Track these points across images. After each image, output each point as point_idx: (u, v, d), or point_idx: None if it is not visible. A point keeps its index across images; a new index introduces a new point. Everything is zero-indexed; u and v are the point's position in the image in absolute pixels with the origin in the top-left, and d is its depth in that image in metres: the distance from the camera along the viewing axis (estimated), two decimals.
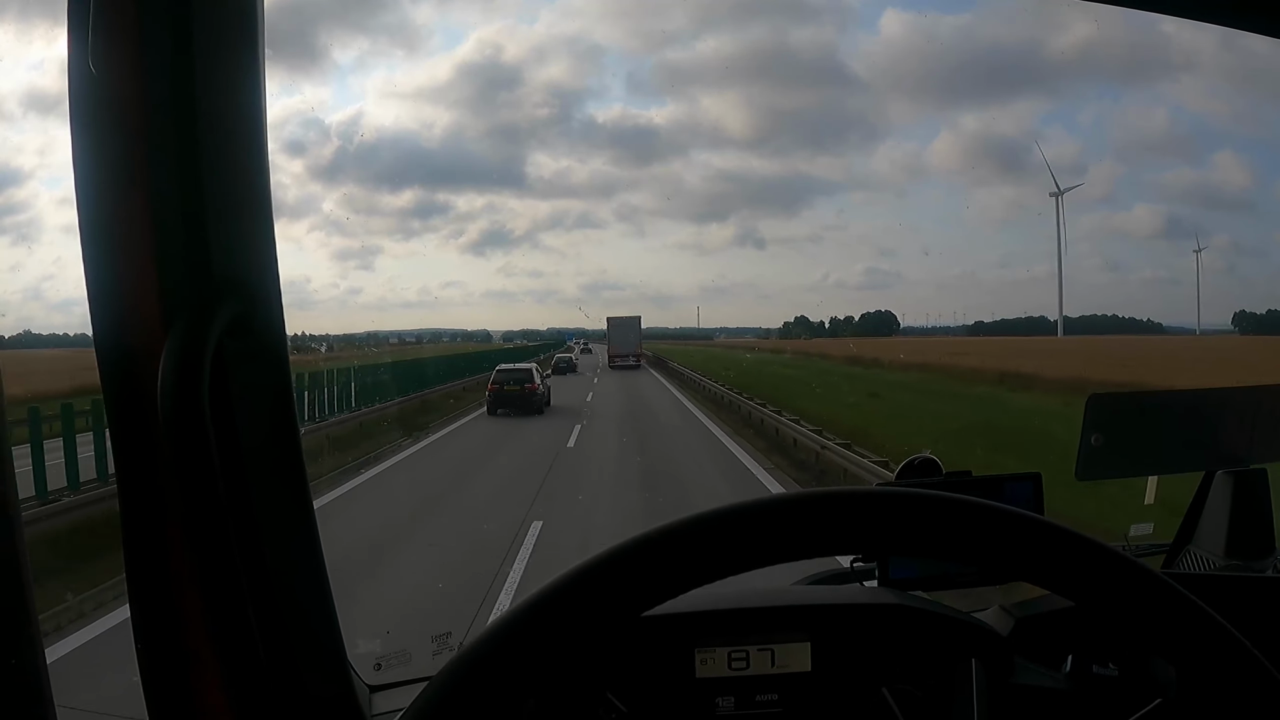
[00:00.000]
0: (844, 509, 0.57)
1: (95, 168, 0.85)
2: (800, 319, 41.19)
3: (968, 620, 1.13)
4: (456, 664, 0.52)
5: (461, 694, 0.52)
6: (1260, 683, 0.56)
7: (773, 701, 1.08)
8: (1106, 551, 0.58)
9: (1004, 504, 0.58)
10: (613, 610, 0.54)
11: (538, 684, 0.53)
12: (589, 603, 0.54)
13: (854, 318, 41.05)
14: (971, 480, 1.30)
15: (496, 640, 0.53)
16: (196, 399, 0.78)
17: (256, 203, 0.91)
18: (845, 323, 40.41)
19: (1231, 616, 0.57)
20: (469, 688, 0.52)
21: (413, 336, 35.05)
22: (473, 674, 0.52)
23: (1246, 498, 1.58)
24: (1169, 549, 1.67)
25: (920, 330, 36.82)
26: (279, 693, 0.92)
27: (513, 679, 0.52)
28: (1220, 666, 0.56)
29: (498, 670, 0.52)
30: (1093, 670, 1.13)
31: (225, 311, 0.85)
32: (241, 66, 0.88)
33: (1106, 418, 1.52)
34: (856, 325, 39.35)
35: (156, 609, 0.88)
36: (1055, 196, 29.15)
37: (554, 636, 0.53)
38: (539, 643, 0.52)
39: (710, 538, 0.56)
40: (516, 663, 0.52)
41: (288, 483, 0.95)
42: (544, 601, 0.53)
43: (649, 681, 1.07)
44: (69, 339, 2.93)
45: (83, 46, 0.82)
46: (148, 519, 0.87)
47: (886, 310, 42.55)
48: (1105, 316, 34.53)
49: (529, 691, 0.53)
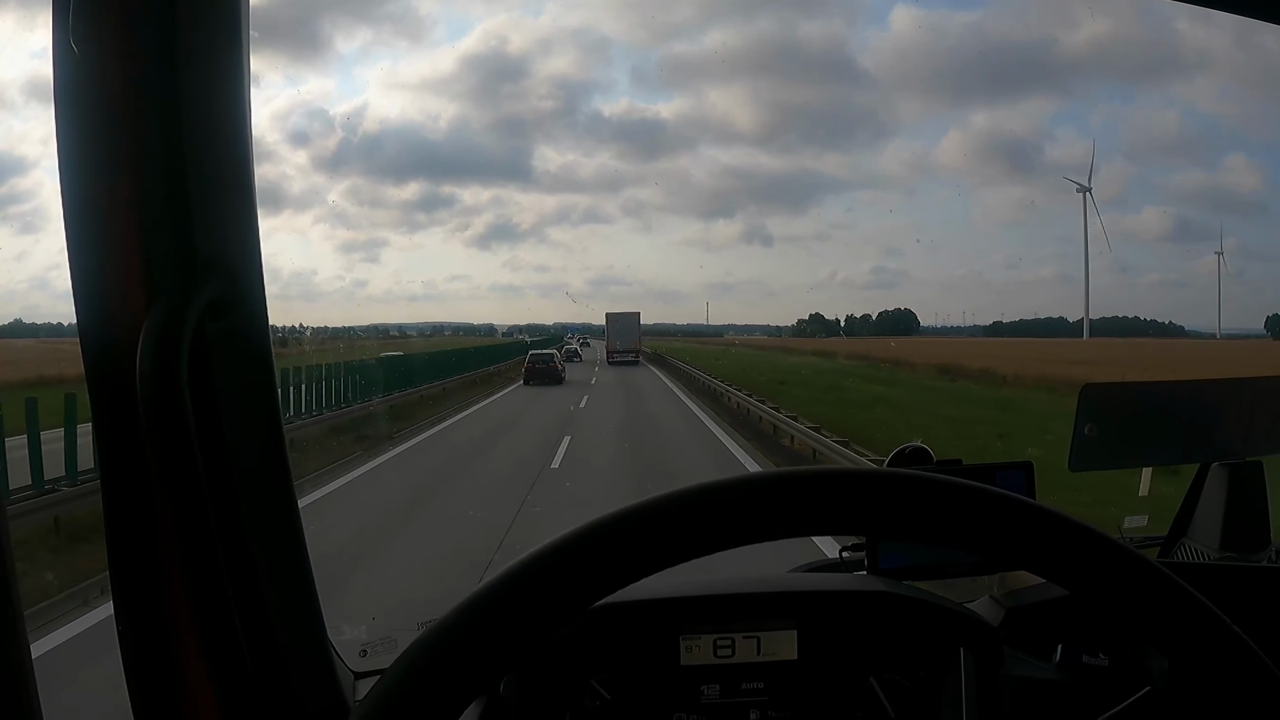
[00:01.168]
0: (833, 488, 0.56)
1: (77, 149, 0.84)
2: (815, 316, 40.23)
3: (958, 610, 1.12)
4: (419, 644, 0.51)
5: (425, 674, 0.51)
6: (1255, 674, 0.55)
7: (758, 690, 1.07)
8: (1103, 539, 0.57)
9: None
10: (587, 586, 0.53)
11: (507, 664, 0.52)
12: (564, 579, 0.52)
13: (871, 316, 39.92)
14: (963, 468, 1.29)
15: (465, 618, 0.52)
16: (175, 379, 0.78)
17: (239, 184, 0.90)
18: (862, 321, 39.22)
19: (1226, 608, 0.56)
20: (432, 668, 0.51)
21: (413, 330, 35.05)
22: (437, 654, 0.51)
23: (1242, 490, 1.58)
24: (1164, 541, 1.66)
25: (935, 330, 36.09)
26: (263, 681, 0.91)
27: (480, 658, 0.51)
28: (1215, 657, 0.56)
29: (465, 649, 0.51)
30: (1083, 660, 1.12)
31: (205, 292, 0.84)
32: (226, 47, 0.87)
33: (1100, 408, 1.51)
34: (874, 324, 38.33)
35: (139, 591, 0.87)
36: (1083, 192, 28.10)
37: (523, 615, 0.52)
38: (507, 622, 0.51)
39: (692, 513, 0.54)
40: (484, 642, 0.51)
41: (269, 465, 0.94)
42: (512, 580, 0.52)
43: (633, 669, 1.06)
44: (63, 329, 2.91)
45: (65, 26, 0.81)
46: (130, 504, 0.86)
47: (906, 308, 41.17)
48: (1126, 318, 33.80)
49: (499, 670, 0.52)
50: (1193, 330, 30.97)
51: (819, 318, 40.00)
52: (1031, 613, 1.14)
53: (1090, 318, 31.23)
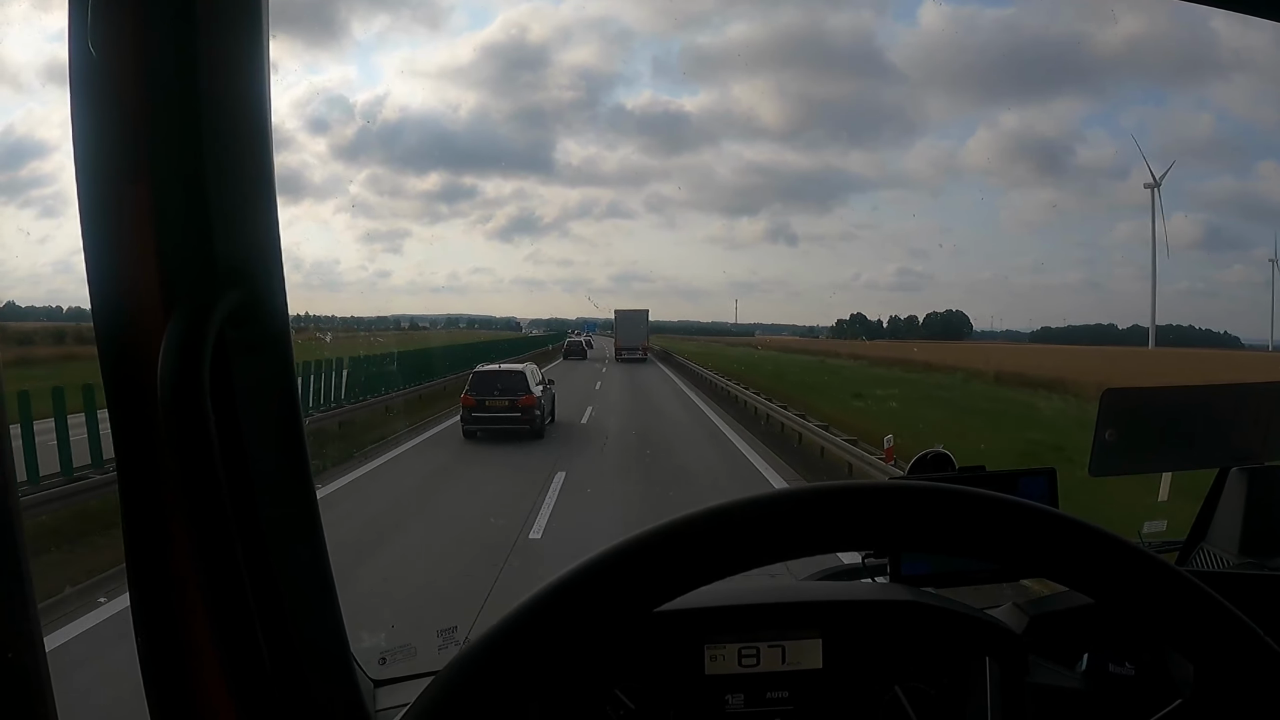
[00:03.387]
0: (858, 503, 0.56)
1: (95, 151, 0.83)
2: (857, 317, 37.68)
3: (981, 617, 1.11)
4: (462, 660, 0.51)
5: (466, 691, 0.50)
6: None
7: (783, 699, 1.06)
8: (1126, 546, 0.56)
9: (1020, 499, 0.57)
10: (622, 606, 0.53)
11: (545, 681, 0.51)
12: (598, 598, 0.52)
13: (918, 318, 37.36)
14: (986, 475, 1.28)
15: (503, 636, 0.51)
16: (197, 388, 0.77)
17: (260, 188, 0.89)
18: (908, 323, 36.77)
19: (1246, 614, 0.56)
20: (474, 685, 0.50)
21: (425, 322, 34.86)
22: (478, 671, 0.51)
23: (1261, 495, 1.57)
24: (1182, 546, 1.65)
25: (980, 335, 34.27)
26: (281, 686, 0.90)
27: (519, 676, 0.51)
28: (1241, 664, 0.55)
29: (504, 667, 0.51)
30: (1109, 669, 1.11)
31: (227, 300, 0.83)
32: (245, 46, 0.86)
33: (1120, 413, 1.51)
34: (923, 327, 36.10)
35: (157, 598, 0.87)
36: (1151, 188, 26.42)
37: (562, 632, 0.51)
38: (546, 639, 0.51)
39: (722, 532, 0.54)
40: (523, 659, 0.51)
41: (290, 473, 0.93)
42: (551, 597, 0.52)
43: (658, 678, 1.06)
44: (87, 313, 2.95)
45: (82, 26, 0.80)
46: (149, 512, 0.85)
47: (957, 310, 38.47)
48: (1181, 327, 31.88)
49: (536, 688, 0.51)
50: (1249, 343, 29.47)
51: (861, 318, 37.81)
52: (1056, 620, 1.14)
53: (1140, 326, 29.71)
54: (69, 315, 17.88)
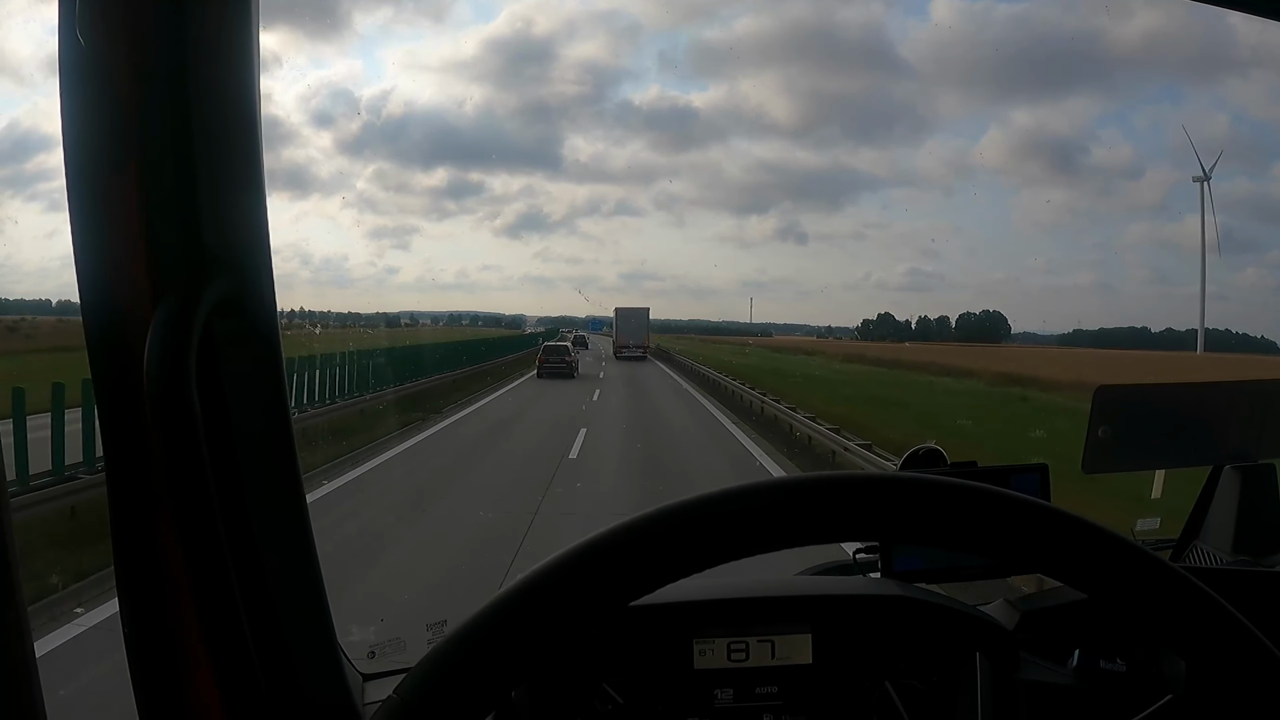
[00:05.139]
0: (850, 494, 0.55)
1: (84, 140, 0.83)
2: (884, 317, 36.37)
3: (973, 613, 1.11)
4: (443, 648, 0.51)
5: (447, 679, 0.50)
6: (1275, 676, 0.54)
7: (773, 694, 1.06)
8: (1121, 542, 0.56)
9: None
10: (608, 594, 0.52)
11: (527, 670, 0.51)
12: (583, 586, 0.52)
13: (949, 319, 36.15)
14: (978, 470, 1.28)
15: (479, 630, 0.51)
16: (183, 378, 0.77)
17: (249, 180, 0.89)
18: (939, 324, 35.55)
19: (1241, 611, 0.56)
20: (456, 673, 0.50)
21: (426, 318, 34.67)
22: (460, 659, 0.50)
23: (1255, 493, 1.57)
24: (1176, 544, 1.65)
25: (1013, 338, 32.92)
26: (269, 679, 0.90)
27: (501, 664, 0.50)
28: (1234, 661, 0.55)
29: (479, 661, 0.50)
30: (1100, 666, 1.11)
31: (214, 289, 0.83)
32: (234, 34, 0.86)
33: (1114, 410, 1.50)
34: (956, 328, 34.77)
35: (143, 589, 0.86)
36: (1201, 181, 24.69)
37: (537, 626, 0.51)
38: (521, 633, 0.51)
39: (710, 521, 0.54)
40: (499, 653, 0.50)
41: (278, 465, 0.93)
42: (526, 590, 0.52)
43: (646, 673, 1.05)
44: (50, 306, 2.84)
45: (71, 15, 0.80)
46: (136, 505, 0.85)
47: (995, 310, 37.07)
48: (1218, 330, 30.69)
49: (518, 677, 0.51)
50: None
51: (889, 318, 36.83)
52: (1047, 616, 1.13)
53: (1175, 329, 28.79)
54: (58, 309, 17.76)
